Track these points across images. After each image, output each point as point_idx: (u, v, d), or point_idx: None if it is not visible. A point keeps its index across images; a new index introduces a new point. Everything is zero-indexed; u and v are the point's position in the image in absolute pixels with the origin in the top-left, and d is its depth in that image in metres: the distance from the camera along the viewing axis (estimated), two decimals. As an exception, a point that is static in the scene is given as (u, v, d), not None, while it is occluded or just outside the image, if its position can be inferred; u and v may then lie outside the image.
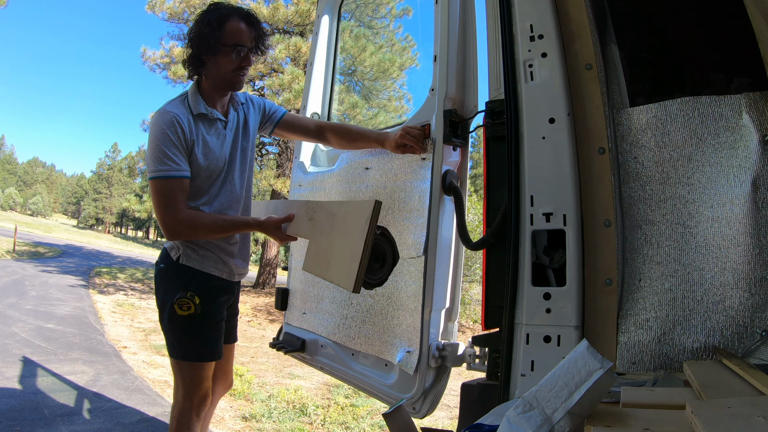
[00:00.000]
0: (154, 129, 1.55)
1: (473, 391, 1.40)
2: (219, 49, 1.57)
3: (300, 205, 1.75)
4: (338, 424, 3.27)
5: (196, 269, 1.65)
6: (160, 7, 10.74)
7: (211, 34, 1.55)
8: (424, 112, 1.68)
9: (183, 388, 1.67)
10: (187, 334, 1.65)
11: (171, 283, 1.64)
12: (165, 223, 1.55)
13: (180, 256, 1.64)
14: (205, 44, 1.57)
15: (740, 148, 1.14)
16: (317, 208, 1.65)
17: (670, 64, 1.36)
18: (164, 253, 1.69)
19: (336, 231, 1.54)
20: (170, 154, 1.52)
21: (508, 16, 1.34)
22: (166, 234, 1.58)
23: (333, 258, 1.53)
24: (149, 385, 3.82)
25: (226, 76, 1.61)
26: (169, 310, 1.62)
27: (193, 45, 1.60)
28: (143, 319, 7.13)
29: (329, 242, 1.56)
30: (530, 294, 1.23)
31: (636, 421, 0.78)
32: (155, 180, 1.54)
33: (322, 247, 1.60)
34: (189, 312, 1.60)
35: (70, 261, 16.05)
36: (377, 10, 11.40)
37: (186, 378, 1.66)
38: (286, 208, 1.82)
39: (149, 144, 1.58)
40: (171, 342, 1.68)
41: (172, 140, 1.53)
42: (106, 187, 69.21)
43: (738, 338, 1.11)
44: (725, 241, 1.14)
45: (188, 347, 1.66)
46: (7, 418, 2.80)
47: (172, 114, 1.55)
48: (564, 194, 1.22)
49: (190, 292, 1.61)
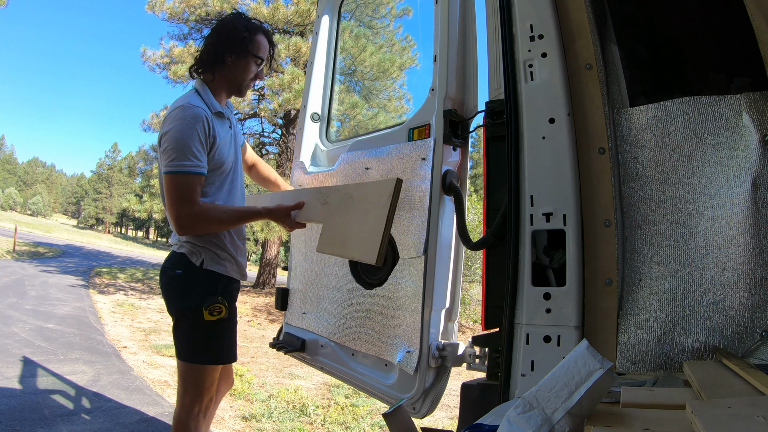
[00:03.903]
0: (180, 123, 1.52)
1: (473, 391, 1.40)
2: (245, 55, 1.65)
3: (310, 192, 1.76)
4: (338, 424, 3.27)
5: (222, 274, 1.65)
6: (160, 7, 10.75)
7: (243, 38, 1.64)
8: (424, 112, 1.68)
9: (193, 392, 1.64)
10: (213, 338, 1.63)
11: (195, 289, 1.62)
12: (179, 216, 1.52)
13: (204, 261, 1.62)
14: (235, 46, 1.64)
15: (740, 148, 1.14)
16: (331, 192, 1.65)
17: (670, 64, 1.36)
18: (180, 258, 1.64)
19: (355, 211, 1.53)
20: (194, 150, 1.52)
21: (508, 16, 1.34)
22: (177, 228, 1.55)
23: (352, 236, 1.52)
24: (149, 385, 3.82)
25: (241, 81, 1.69)
26: (194, 316, 1.59)
27: (220, 42, 1.65)
28: (143, 319, 7.13)
29: (347, 222, 1.56)
30: (530, 294, 1.23)
31: (636, 421, 0.78)
32: (176, 174, 1.51)
33: (338, 228, 1.59)
34: (219, 316, 1.60)
35: (70, 261, 16.06)
36: (377, 10, 11.40)
37: (197, 382, 1.63)
38: (295, 196, 1.84)
39: (173, 137, 1.52)
40: (187, 347, 1.65)
41: (199, 136, 1.53)
42: (106, 187, 69.24)
43: (738, 338, 1.11)
44: (725, 241, 1.14)
45: (208, 352, 1.64)
46: (7, 418, 2.80)
47: (200, 109, 1.57)
48: (564, 194, 1.21)
49: (220, 296, 1.61)
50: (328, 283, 1.98)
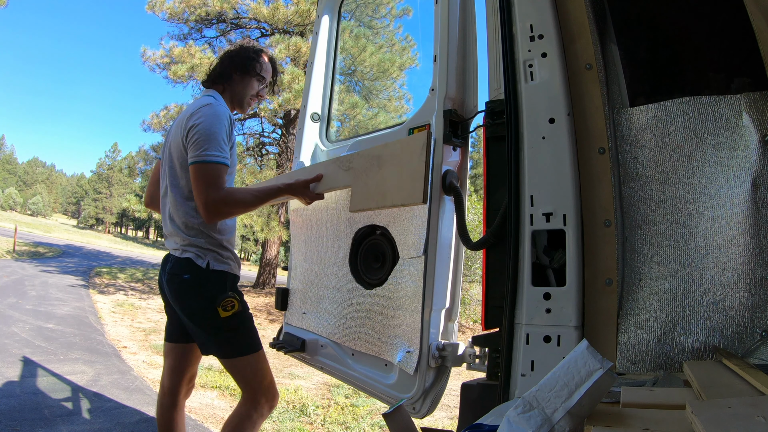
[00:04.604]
0: (215, 117, 1.62)
1: (473, 391, 1.40)
2: (249, 72, 1.82)
3: (328, 164, 1.84)
4: (338, 424, 3.27)
5: (227, 272, 1.71)
6: (160, 7, 10.75)
7: (249, 57, 1.82)
8: (424, 112, 1.68)
9: (255, 383, 1.69)
10: (240, 330, 1.69)
11: (205, 290, 1.65)
12: (208, 201, 1.58)
13: (210, 262, 1.68)
14: (241, 63, 1.81)
15: (740, 148, 1.14)
16: (354, 159, 1.70)
17: (670, 64, 1.36)
18: (186, 262, 1.68)
19: (387, 166, 1.57)
20: (225, 144, 1.63)
21: (508, 16, 1.34)
22: (207, 214, 1.61)
23: (390, 188, 1.55)
24: (149, 385, 3.82)
25: (243, 96, 1.84)
26: (211, 316, 1.63)
27: (229, 59, 1.83)
28: (143, 319, 7.13)
29: (380, 178, 1.58)
30: (530, 294, 1.23)
31: (636, 421, 0.78)
32: (210, 163, 1.59)
33: (372, 185, 1.62)
34: (233, 311, 1.65)
35: (70, 261, 16.06)
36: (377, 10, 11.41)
37: (253, 371, 1.68)
38: (310, 170, 1.90)
39: (207, 128, 1.60)
40: (222, 344, 1.68)
41: (228, 132, 1.66)
42: (106, 187, 69.22)
43: (738, 338, 1.11)
44: (725, 241, 1.14)
45: (245, 341, 1.70)
46: (7, 418, 2.80)
47: (226, 109, 1.72)
48: (564, 194, 1.21)
49: (230, 291, 1.67)
50: (328, 283, 1.98)
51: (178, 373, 1.82)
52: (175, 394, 1.83)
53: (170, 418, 1.81)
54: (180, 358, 1.82)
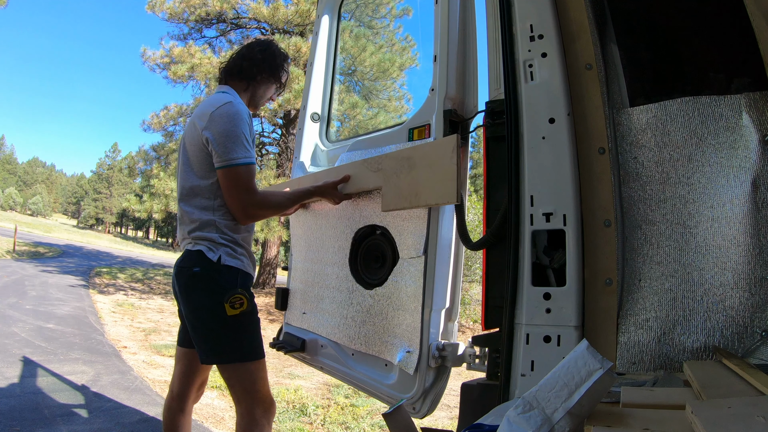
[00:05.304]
0: (236, 118, 1.59)
1: (473, 391, 1.40)
2: (275, 77, 1.85)
3: (355, 165, 1.84)
4: (338, 424, 3.27)
5: (239, 268, 1.65)
6: (160, 7, 10.74)
7: (279, 65, 1.85)
8: (424, 112, 1.68)
9: (252, 394, 1.59)
10: (244, 333, 1.61)
11: (214, 285, 1.59)
12: (244, 205, 1.60)
13: (221, 257, 1.61)
14: (270, 67, 1.82)
15: (740, 148, 1.14)
16: (384, 160, 1.70)
17: (670, 64, 1.36)
18: (197, 255, 1.61)
19: (419, 167, 1.57)
20: (249, 143, 1.63)
21: (508, 16, 1.34)
22: (242, 217, 1.62)
23: (422, 188, 1.55)
24: (149, 385, 3.82)
25: (261, 98, 1.86)
26: (218, 312, 1.56)
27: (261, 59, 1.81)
28: (143, 319, 7.13)
29: (412, 179, 1.59)
30: (530, 294, 1.23)
31: (636, 421, 0.78)
32: (241, 166, 1.58)
33: (403, 185, 1.62)
34: (241, 309, 1.58)
35: (70, 261, 16.07)
36: (377, 10, 11.41)
37: (251, 380, 1.59)
38: (337, 172, 1.91)
39: (231, 131, 1.58)
40: (223, 346, 1.60)
41: (250, 131, 1.65)
42: (106, 187, 69.25)
43: (738, 338, 1.11)
44: (725, 241, 1.14)
45: (247, 346, 1.61)
46: (7, 418, 2.80)
47: (245, 107, 1.70)
48: (564, 194, 1.21)
49: (240, 288, 1.61)
50: (328, 283, 1.98)
51: (189, 378, 1.78)
52: (184, 400, 1.78)
53: (177, 423, 1.77)
54: (192, 363, 1.77)
